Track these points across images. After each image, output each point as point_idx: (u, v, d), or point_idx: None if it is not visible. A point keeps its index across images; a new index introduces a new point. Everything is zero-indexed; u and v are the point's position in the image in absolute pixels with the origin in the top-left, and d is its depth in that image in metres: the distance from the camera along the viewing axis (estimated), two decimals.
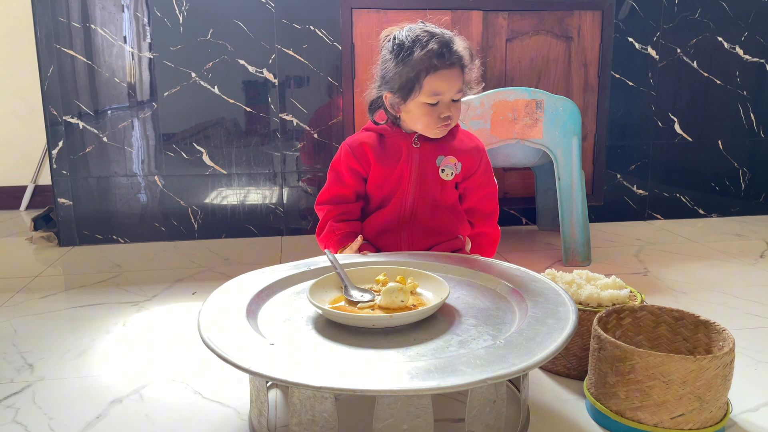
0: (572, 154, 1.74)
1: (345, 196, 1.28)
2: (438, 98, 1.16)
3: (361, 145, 1.26)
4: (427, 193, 1.24)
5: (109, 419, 0.97)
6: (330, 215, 1.27)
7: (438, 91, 1.16)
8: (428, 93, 1.16)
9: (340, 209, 1.28)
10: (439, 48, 1.15)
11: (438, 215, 1.25)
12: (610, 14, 2.09)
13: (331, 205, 1.28)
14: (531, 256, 1.88)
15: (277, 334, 0.87)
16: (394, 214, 1.25)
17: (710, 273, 1.67)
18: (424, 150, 1.24)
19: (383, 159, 1.25)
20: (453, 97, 1.18)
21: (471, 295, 0.99)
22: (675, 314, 1.01)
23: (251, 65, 2.01)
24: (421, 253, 1.17)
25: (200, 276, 1.71)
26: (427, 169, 1.24)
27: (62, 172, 2.00)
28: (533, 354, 0.75)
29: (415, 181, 1.24)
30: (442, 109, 1.17)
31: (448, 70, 1.15)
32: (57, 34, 1.92)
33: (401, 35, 1.18)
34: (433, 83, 1.15)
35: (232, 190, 2.09)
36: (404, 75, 1.16)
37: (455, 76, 1.16)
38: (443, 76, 1.15)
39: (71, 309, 1.46)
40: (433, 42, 1.15)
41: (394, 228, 1.25)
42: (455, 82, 1.16)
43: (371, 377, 0.71)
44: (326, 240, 1.26)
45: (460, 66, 1.17)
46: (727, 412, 0.91)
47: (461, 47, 1.18)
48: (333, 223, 1.26)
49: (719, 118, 2.28)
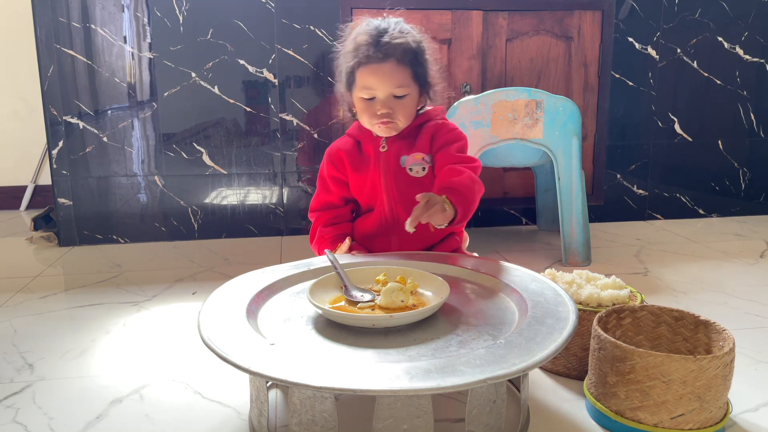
0: (572, 154, 1.74)
1: (332, 202, 1.29)
2: (371, 93, 1.13)
3: (338, 152, 1.25)
4: (407, 197, 1.19)
5: (109, 419, 0.97)
6: (320, 222, 1.29)
7: (368, 85, 1.12)
8: (361, 87, 1.14)
9: (329, 215, 1.28)
10: (368, 40, 1.12)
11: None
12: (610, 14, 2.09)
13: (321, 212, 1.29)
14: (531, 256, 1.88)
15: (277, 334, 0.87)
16: (378, 220, 1.23)
17: (710, 273, 1.67)
18: (390, 153, 1.20)
19: (358, 166, 1.23)
20: (392, 92, 1.12)
21: (471, 295, 0.99)
22: (675, 314, 1.01)
23: (251, 65, 2.01)
24: (420, 253, 1.17)
25: (200, 276, 1.71)
26: (398, 173, 1.20)
27: (62, 172, 2.00)
28: (533, 354, 0.75)
29: (388, 188, 1.20)
30: (378, 105, 1.13)
31: (378, 63, 1.11)
32: (57, 34, 1.92)
33: (351, 29, 1.17)
34: (363, 77, 1.13)
35: (232, 190, 2.09)
36: (344, 68, 1.16)
37: (388, 70, 1.11)
38: (372, 70, 1.12)
39: (71, 309, 1.46)
40: (364, 34, 1.13)
41: (381, 233, 1.24)
42: (389, 76, 1.11)
43: (371, 377, 0.71)
44: (318, 245, 1.28)
45: (396, 59, 1.11)
46: (727, 412, 0.91)
47: (398, 40, 1.12)
48: (322, 228, 1.27)
49: (719, 118, 2.28)
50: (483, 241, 2.04)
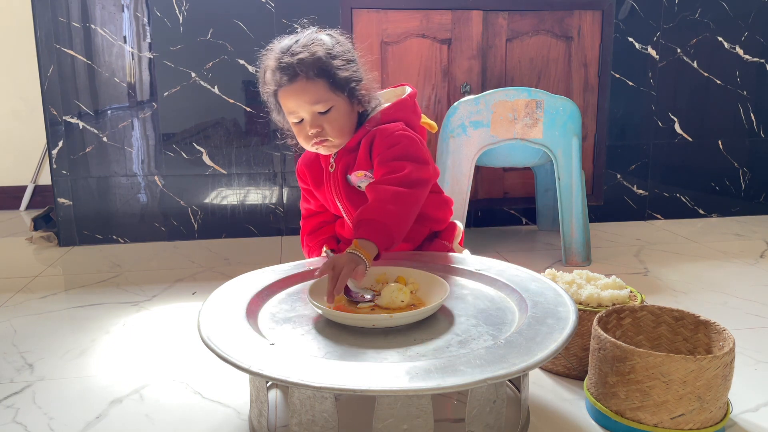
0: (572, 154, 1.74)
1: (314, 210, 1.29)
2: (296, 116, 1.07)
3: (301, 167, 1.24)
4: None
5: (109, 419, 0.97)
6: (305, 230, 1.30)
7: (290, 109, 1.07)
8: (287, 112, 1.09)
9: (313, 223, 1.29)
10: (274, 63, 1.06)
11: None
12: (610, 14, 2.09)
13: (306, 220, 1.30)
14: (531, 256, 1.87)
15: (277, 334, 0.87)
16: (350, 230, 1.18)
17: (710, 273, 1.67)
18: (338, 172, 1.14)
19: (317, 181, 1.20)
20: (313, 110, 1.06)
21: (471, 295, 0.99)
22: (675, 314, 1.01)
23: (251, 65, 2.01)
24: (420, 253, 1.17)
25: (200, 276, 1.71)
26: (348, 191, 1.14)
27: (62, 172, 2.00)
28: (533, 354, 0.75)
29: (344, 207, 1.17)
30: (307, 126, 1.07)
31: (289, 85, 1.05)
32: (57, 34, 1.92)
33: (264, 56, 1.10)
34: (283, 102, 1.08)
35: (232, 190, 2.09)
36: (269, 98, 1.11)
37: (300, 89, 1.04)
38: (286, 93, 1.06)
39: (71, 309, 1.46)
40: (271, 59, 1.07)
41: None
42: (304, 96, 1.05)
43: (371, 377, 0.71)
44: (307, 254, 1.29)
45: (304, 76, 1.04)
46: (727, 412, 0.91)
47: (300, 56, 1.04)
48: (307, 237, 1.29)
49: (719, 118, 2.28)
50: (483, 241, 2.04)
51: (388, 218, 0.99)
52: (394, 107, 1.14)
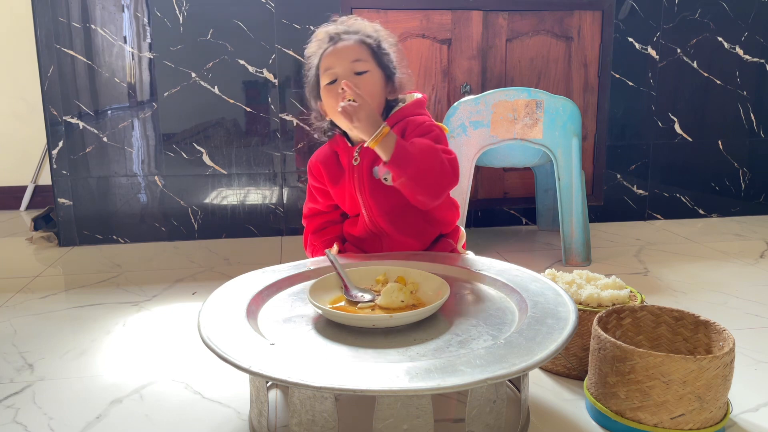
0: (572, 154, 1.74)
1: (320, 210, 1.30)
2: (332, 73, 1.14)
3: (316, 164, 1.24)
4: (387, 207, 1.16)
5: (109, 419, 0.97)
6: (309, 229, 1.30)
7: (327, 65, 1.15)
8: (322, 73, 1.16)
9: (318, 221, 1.29)
10: (327, 33, 1.17)
11: (408, 223, 1.18)
12: (610, 14, 2.09)
13: (310, 219, 1.30)
14: (531, 256, 1.88)
15: (277, 334, 0.87)
16: (364, 228, 1.21)
17: (710, 273, 1.67)
18: (363, 166, 1.16)
19: (335, 178, 1.21)
20: (352, 68, 1.13)
21: (471, 295, 0.99)
22: (675, 314, 1.01)
23: (251, 65, 2.01)
24: (420, 254, 1.17)
25: (200, 276, 1.71)
26: (374, 186, 1.16)
27: (62, 172, 2.00)
28: (533, 354, 0.75)
29: (365, 202, 1.18)
30: (341, 84, 1.11)
31: (336, 44, 1.15)
32: (57, 34, 1.92)
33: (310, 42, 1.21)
34: (323, 63, 1.16)
35: (232, 190, 2.09)
36: (311, 72, 1.19)
37: (345, 47, 1.14)
38: (331, 52, 1.15)
39: (71, 309, 1.46)
40: (322, 32, 1.18)
41: (370, 238, 1.22)
42: (347, 51, 1.14)
43: (371, 377, 0.71)
44: (311, 253, 1.29)
45: (354, 39, 1.15)
46: (727, 412, 0.91)
47: (356, 25, 1.17)
48: (312, 235, 1.29)
49: (719, 118, 2.28)
50: (483, 241, 2.04)
51: (414, 148, 1.05)
52: (415, 104, 1.20)
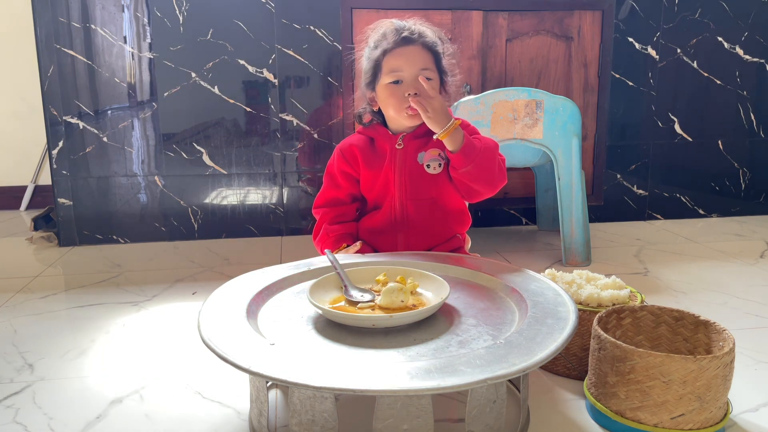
0: (572, 154, 1.74)
1: (340, 199, 1.29)
2: (397, 75, 1.16)
3: (351, 147, 1.26)
4: (420, 194, 1.22)
5: (109, 419, 0.97)
6: (325, 218, 1.29)
7: (394, 67, 1.17)
8: (387, 71, 1.17)
9: (335, 212, 1.28)
10: (393, 30, 1.19)
11: (433, 216, 1.23)
12: (610, 14, 2.09)
13: (327, 208, 1.29)
14: (531, 256, 1.88)
15: (277, 334, 0.87)
16: (386, 217, 1.24)
17: (710, 273, 1.67)
18: (407, 150, 1.22)
19: (371, 162, 1.24)
20: (419, 74, 1.16)
21: (471, 295, 0.99)
22: (675, 314, 1.01)
23: (251, 65, 2.01)
24: (420, 253, 1.17)
25: (200, 276, 1.71)
26: (413, 170, 1.22)
27: (62, 172, 2.00)
28: (533, 354, 0.75)
29: (401, 185, 1.22)
30: (406, 87, 1.16)
31: (404, 47, 1.17)
32: (57, 34, 1.92)
33: (371, 31, 1.23)
34: (389, 62, 1.17)
35: (232, 190, 2.09)
36: (370, 64, 1.20)
37: (414, 52, 1.17)
38: (399, 53, 1.17)
39: (71, 309, 1.46)
40: (388, 27, 1.20)
41: (388, 230, 1.24)
42: (415, 57, 1.17)
43: (371, 377, 0.71)
44: (322, 243, 1.27)
45: (422, 44, 1.18)
46: (727, 412, 0.91)
47: (422, 28, 1.19)
48: (328, 225, 1.27)
49: (719, 118, 2.28)
50: (483, 241, 2.04)
51: (480, 144, 1.15)
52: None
